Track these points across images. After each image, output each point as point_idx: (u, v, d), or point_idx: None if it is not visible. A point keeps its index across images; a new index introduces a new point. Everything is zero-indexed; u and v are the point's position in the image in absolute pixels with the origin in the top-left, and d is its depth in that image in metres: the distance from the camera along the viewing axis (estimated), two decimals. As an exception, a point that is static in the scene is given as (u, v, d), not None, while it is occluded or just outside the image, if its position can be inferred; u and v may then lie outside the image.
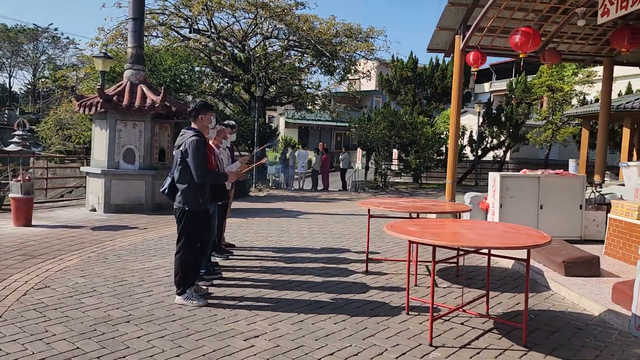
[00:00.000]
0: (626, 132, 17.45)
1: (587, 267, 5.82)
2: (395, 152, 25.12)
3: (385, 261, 6.77)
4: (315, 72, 21.77)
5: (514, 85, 26.81)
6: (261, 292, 5.27)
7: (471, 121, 27.52)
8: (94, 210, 11.00)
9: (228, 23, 20.57)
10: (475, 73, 8.64)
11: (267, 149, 27.20)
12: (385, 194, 19.35)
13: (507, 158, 28.25)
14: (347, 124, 42.45)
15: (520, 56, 7.79)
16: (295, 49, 21.87)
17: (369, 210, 6.34)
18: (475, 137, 26.20)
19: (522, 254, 4.29)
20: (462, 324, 4.51)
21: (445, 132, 24.63)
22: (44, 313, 4.47)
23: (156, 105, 10.93)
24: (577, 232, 7.80)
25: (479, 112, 25.66)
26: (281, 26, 19.64)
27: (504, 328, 4.41)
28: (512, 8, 7.79)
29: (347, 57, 19.80)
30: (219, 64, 21.86)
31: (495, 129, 26.13)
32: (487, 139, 26.60)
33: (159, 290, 5.24)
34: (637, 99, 17.35)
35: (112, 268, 6.09)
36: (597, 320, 4.69)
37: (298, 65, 21.24)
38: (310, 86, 23.16)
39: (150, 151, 11.32)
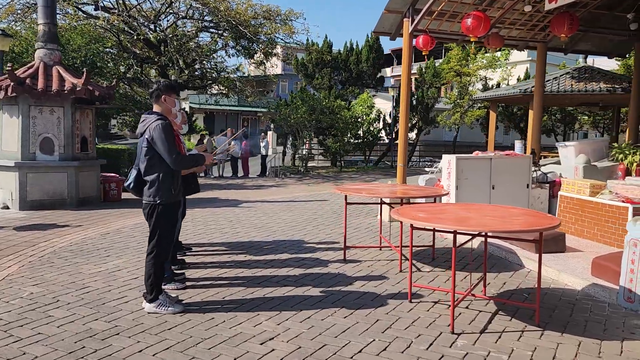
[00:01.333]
0: (531, 114, 18.68)
1: (555, 244, 6.09)
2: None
3: (356, 248, 6.64)
4: (233, 56, 21.01)
5: (423, 70, 27.80)
6: (247, 290, 4.91)
7: (382, 105, 28.13)
8: (7, 208, 9.81)
9: (138, 1, 19.18)
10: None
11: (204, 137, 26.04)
12: (310, 179, 19.26)
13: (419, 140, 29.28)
14: (253, 109, 41.81)
15: (471, 40, 7.95)
16: (210, 30, 20.93)
17: (345, 196, 6.16)
18: (389, 121, 26.90)
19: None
20: (467, 307, 4.50)
21: (362, 116, 25.04)
22: (10, 332, 3.82)
23: (78, 89, 9.91)
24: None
25: (393, 96, 26.38)
26: (197, 5, 18.66)
27: (507, 309, 4.46)
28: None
29: (268, 39, 19.28)
30: (127, 45, 20.37)
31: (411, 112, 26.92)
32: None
33: (134, 295, 4.71)
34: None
35: (65, 273, 5.41)
36: (583, 295, 4.90)
37: (214, 47, 20.36)
38: (225, 70, 22.36)
39: (71, 140, 10.28)
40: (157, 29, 20.44)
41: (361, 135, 25.46)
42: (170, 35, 19.69)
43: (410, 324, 4.09)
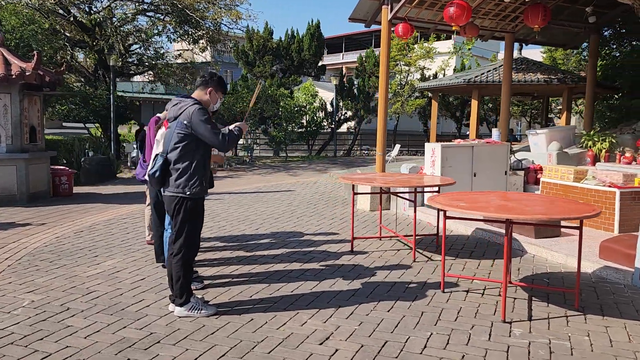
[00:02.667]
0: (474, 103, 19.39)
1: (552, 229, 6.29)
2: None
3: (357, 239, 6.53)
4: (174, 41, 20.07)
5: (364, 59, 28.03)
6: (272, 287, 4.67)
7: (322, 94, 28.06)
8: (-54, 205, 8.82)
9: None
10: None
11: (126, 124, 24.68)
12: (260, 169, 18.89)
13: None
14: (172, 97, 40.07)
15: (453, 28, 8.00)
16: (148, 14, 19.85)
17: (353, 186, 6.02)
18: (330, 110, 26.92)
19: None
20: (499, 295, 4.52)
21: (306, 105, 24.89)
22: (32, 347, 3.37)
23: (27, 73, 9.04)
24: (502, 196, 8.40)
25: (335, 85, 26.39)
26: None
27: (537, 295, 4.52)
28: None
29: (213, 25, 18.58)
30: (57, 27, 18.90)
31: (349, 101, 27.08)
32: (342, 111, 27.53)
33: (151, 298, 4.34)
34: (483, 74, 19.38)
35: (59, 276, 4.90)
36: (596, 277, 5.08)
37: (155, 31, 19.37)
38: (164, 56, 21.36)
39: (20, 130, 9.39)
40: (92, 10, 19.13)
41: (304, 124, 25.35)
42: (106, 18, 18.50)
43: (456, 315, 4.04)
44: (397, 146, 21.48)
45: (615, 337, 3.65)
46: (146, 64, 21.01)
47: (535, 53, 36.01)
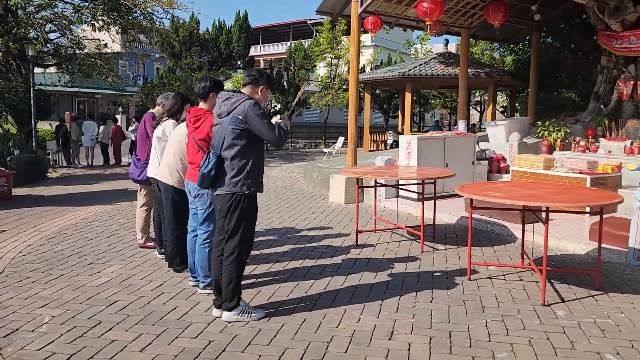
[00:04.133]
0: (408, 96, 20.09)
1: (538, 214, 6.67)
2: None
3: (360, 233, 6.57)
4: (101, 30, 18.82)
5: (293, 51, 27.98)
6: (303, 285, 4.58)
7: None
8: None
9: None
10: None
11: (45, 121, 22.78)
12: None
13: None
14: (91, 90, 37.94)
15: (427, 24, 8.21)
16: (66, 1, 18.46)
17: (358, 179, 6.02)
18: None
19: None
20: (521, 280, 4.75)
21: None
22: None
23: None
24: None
25: (265, 78, 26.07)
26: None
27: (554, 277, 4.80)
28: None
29: (147, 14, 17.67)
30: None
31: (278, 94, 26.95)
32: (271, 104, 27.35)
33: (186, 304, 4.10)
34: (416, 67, 20.09)
35: (63, 287, 4.49)
36: (592, 258, 5.48)
37: (80, 18, 18.04)
38: (84, 46, 20.00)
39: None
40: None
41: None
42: (25, 3, 16.97)
43: (495, 301, 4.19)
44: (341, 139, 21.70)
45: (646, 312, 3.98)
46: (63, 53, 19.55)
47: (451, 47, 37.88)
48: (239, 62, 27.50)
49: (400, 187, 7.18)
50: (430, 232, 6.34)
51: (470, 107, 32.51)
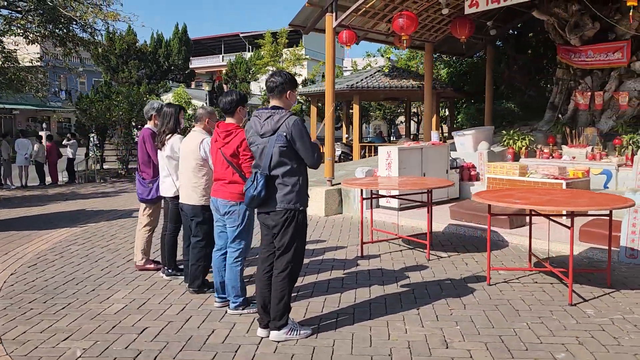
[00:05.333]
0: (356, 108, 20.49)
1: (521, 219, 6.99)
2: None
3: (350, 246, 6.57)
4: (34, 43, 17.75)
5: (234, 64, 27.69)
6: (331, 299, 4.53)
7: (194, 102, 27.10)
8: None
9: None
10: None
11: None
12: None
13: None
14: (7, 106, 35.56)
15: (403, 38, 8.42)
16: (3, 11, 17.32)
17: (361, 191, 6.04)
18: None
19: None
20: (535, 282, 4.95)
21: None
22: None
23: None
24: (444, 193, 9.07)
25: (208, 92, 25.67)
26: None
27: (559, 277, 5.04)
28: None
29: (89, 26, 16.87)
30: None
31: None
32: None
33: (221, 326, 3.94)
34: (363, 80, 20.53)
35: (81, 316, 4.19)
36: (586, 258, 5.80)
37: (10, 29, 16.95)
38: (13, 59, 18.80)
39: None
40: None
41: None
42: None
43: (525, 305, 4.33)
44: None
45: (663, 306, 4.27)
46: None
47: (380, 59, 38.94)
48: (179, 75, 26.83)
49: (400, 197, 7.25)
50: (427, 240, 6.44)
51: (411, 118, 33.58)
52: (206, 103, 25.63)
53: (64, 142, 20.65)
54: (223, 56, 49.59)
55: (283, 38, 27.16)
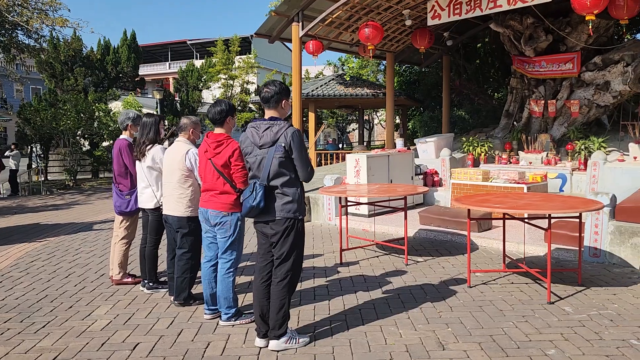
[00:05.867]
0: (312, 116, 20.66)
1: (488, 223, 7.27)
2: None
3: (327, 253, 6.63)
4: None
5: (184, 72, 27.24)
6: (320, 306, 4.57)
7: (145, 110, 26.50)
8: None
9: None
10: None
11: None
12: (93, 192, 17.09)
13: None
14: None
15: (369, 48, 8.58)
16: None
17: (340, 198, 6.11)
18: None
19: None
20: (512, 283, 5.17)
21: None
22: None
23: None
24: (409, 199, 9.30)
25: (158, 100, 25.10)
26: None
27: (536, 278, 5.29)
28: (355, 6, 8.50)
29: (34, 32, 16.20)
30: None
31: (172, 116, 26.10)
32: (166, 126, 26.36)
33: (216, 339, 3.90)
34: (318, 88, 20.73)
35: (66, 335, 4.05)
36: (552, 258, 6.10)
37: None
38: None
39: None
40: None
41: (129, 141, 23.55)
42: None
43: (507, 304, 4.52)
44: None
45: (631, 300, 4.56)
46: None
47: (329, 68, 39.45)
48: (128, 83, 26.10)
49: (375, 204, 7.35)
50: (402, 245, 6.59)
51: (364, 126, 34.08)
52: (157, 111, 25.10)
53: (7, 153, 19.73)
54: (170, 63, 48.71)
55: (235, 46, 26.98)
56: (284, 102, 3.72)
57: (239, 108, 27.45)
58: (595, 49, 9.34)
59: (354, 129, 37.45)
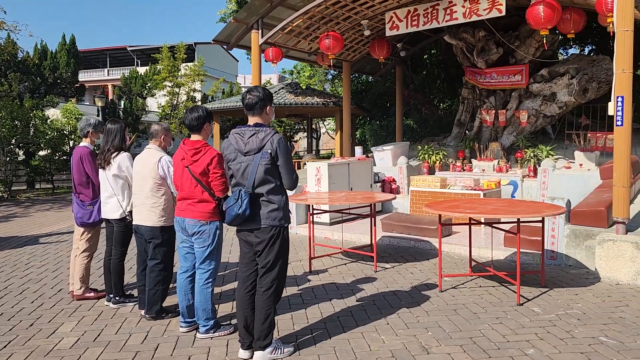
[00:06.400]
0: (216, 127, 20.63)
1: (448, 229, 7.46)
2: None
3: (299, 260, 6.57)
4: None
5: (128, 79, 26.45)
6: (299, 315, 4.53)
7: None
8: None
9: None
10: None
11: None
12: (30, 205, 16.24)
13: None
14: None
15: (330, 57, 8.64)
16: None
17: (308, 206, 6.09)
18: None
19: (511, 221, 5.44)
20: (480, 286, 5.32)
21: (69, 129, 22.15)
22: None
23: None
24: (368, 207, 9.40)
25: (99, 107, 24.19)
26: None
27: (502, 280, 5.48)
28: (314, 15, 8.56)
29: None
30: None
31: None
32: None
33: (199, 352, 3.79)
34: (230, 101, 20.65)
35: (28, 354, 3.81)
36: (512, 261, 6.33)
37: None
38: None
39: None
40: None
41: (68, 151, 22.54)
42: None
43: (480, 307, 4.65)
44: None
45: (592, 300, 4.80)
46: None
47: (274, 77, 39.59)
48: (66, 89, 25.01)
49: (343, 211, 7.35)
50: (370, 252, 6.66)
51: (312, 135, 34.24)
52: (99, 118, 24.16)
53: None
54: (109, 70, 47.13)
55: (181, 53, 26.45)
56: (268, 108, 3.68)
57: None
58: (541, 62, 9.85)
59: (300, 138, 37.54)
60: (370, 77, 16.97)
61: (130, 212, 4.75)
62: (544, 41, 7.43)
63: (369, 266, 6.22)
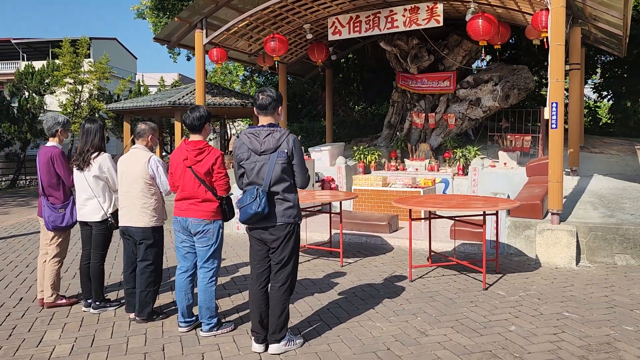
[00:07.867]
0: (178, 125, 20.12)
1: (396, 224, 7.93)
2: None
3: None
4: None
5: (23, 75, 24.44)
6: (295, 309, 4.69)
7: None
8: None
9: None
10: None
11: None
12: None
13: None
14: None
15: (275, 59, 8.75)
16: None
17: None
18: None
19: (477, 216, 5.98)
20: (443, 275, 5.80)
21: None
22: None
23: None
24: (311, 205, 9.66)
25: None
26: None
27: (461, 268, 6.00)
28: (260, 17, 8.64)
29: None
30: None
31: (8, 124, 23.30)
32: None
33: (210, 350, 3.83)
34: (184, 97, 20.27)
35: (28, 366, 3.64)
36: (460, 252, 6.91)
37: None
38: None
39: None
40: None
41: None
42: None
43: (452, 294, 5.09)
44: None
45: (542, 282, 5.44)
46: None
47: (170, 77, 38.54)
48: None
49: (306, 209, 7.51)
50: (332, 248, 6.93)
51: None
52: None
53: None
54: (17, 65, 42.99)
55: (84, 48, 24.94)
56: (279, 108, 3.82)
57: (87, 116, 25.37)
58: (467, 69, 10.75)
59: (210, 140, 36.88)
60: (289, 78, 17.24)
61: (113, 213, 4.63)
62: (483, 52, 8.17)
63: (333, 262, 6.48)
